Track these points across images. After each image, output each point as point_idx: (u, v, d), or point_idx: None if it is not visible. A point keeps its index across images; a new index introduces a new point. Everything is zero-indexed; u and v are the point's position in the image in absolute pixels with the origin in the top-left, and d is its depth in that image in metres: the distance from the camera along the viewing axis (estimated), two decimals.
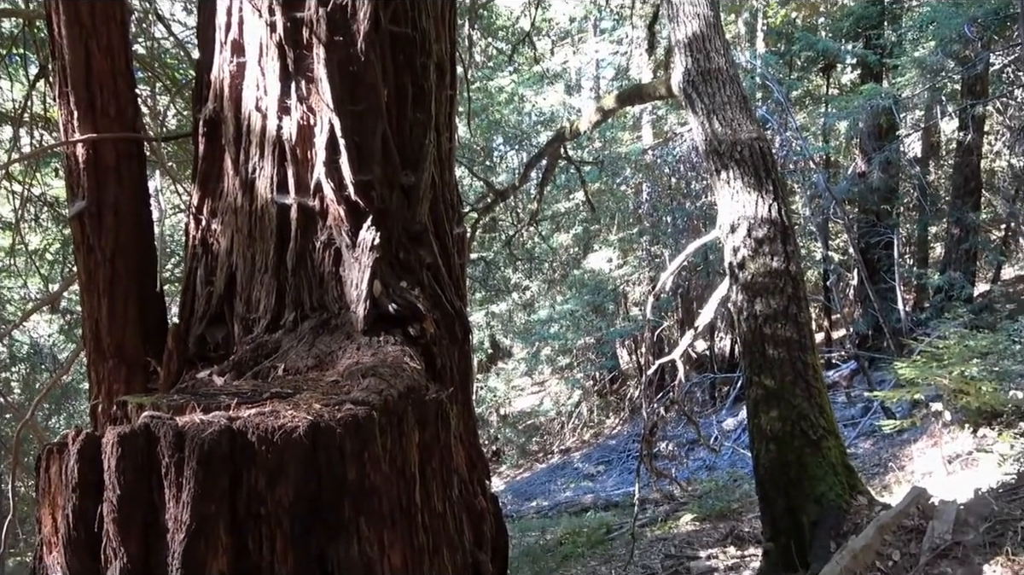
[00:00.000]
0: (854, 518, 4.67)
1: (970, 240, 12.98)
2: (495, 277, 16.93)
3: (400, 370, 2.37)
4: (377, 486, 2.16)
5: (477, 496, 3.07)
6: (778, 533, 5.03)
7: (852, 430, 10.98)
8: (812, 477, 4.91)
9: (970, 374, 7.47)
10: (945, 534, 4.04)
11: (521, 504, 14.46)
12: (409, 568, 2.24)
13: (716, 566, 6.64)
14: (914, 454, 8.28)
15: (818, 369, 5.32)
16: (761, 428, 5.22)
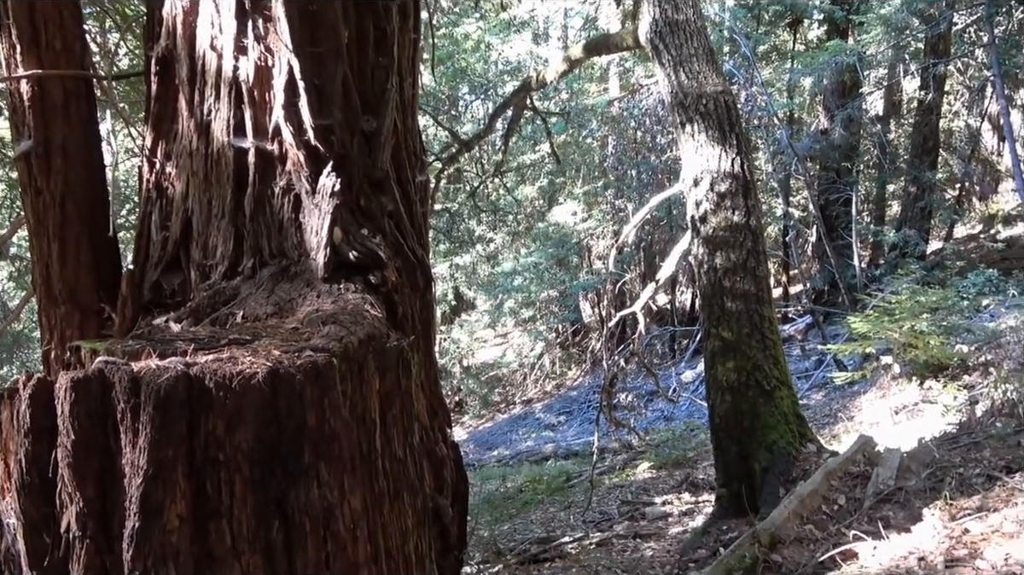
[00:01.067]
0: (803, 465, 4.85)
1: (926, 199, 13.26)
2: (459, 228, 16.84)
3: (361, 318, 2.36)
4: (337, 432, 2.17)
5: (438, 443, 3.10)
6: (730, 479, 5.20)
7: (805, 382, 11.30)
8: (765, 426, 5.07)
9: (919, 328, 7.71)
10: (888, 480, 4.22)
11: (483, 453, 14.68)
12: (369, 512, 2.27)
13: (671, 511, 6.85)
14: (863, 405, 8.57)
15: (774, 322, 5.45)
16: (717, 379, 5.35)
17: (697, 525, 5.83)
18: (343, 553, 2.18)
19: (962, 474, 4.09)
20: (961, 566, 3.11)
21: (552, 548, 6.14)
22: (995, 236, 14.37)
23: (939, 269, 11.59)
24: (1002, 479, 3.84)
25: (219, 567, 1.99)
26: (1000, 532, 3.28)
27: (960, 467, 4.20)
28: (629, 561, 5.46)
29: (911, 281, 9.34)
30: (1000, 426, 5.03)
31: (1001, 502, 3.59)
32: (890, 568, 3.28)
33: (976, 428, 5.47)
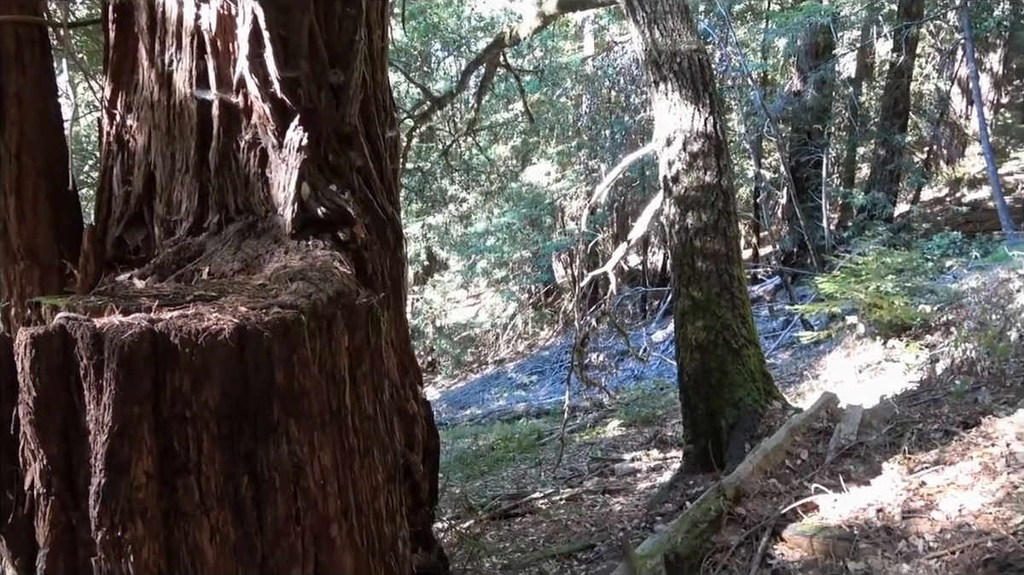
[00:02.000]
0: (768, 421, 4.96)
1: (895, 161, 13.40)
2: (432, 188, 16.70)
3: (329, 274, 2.34)
4: (306, 389, 2.16)
5: (409, 400, 3.11)
6: (698, 436, 5.31)
7: (772, 342, 11.49)
8: (732, 383, 5.16)
9: (884, 289, 7.86)
10: (850, 435, 4.33)
11: (455, 413, 14.78)
12: (339, 468, 2.28)
13: (639, 468, 6.98)
14: (828, 364, 8.75)
15: (743, 282, 5.51)
16: (687, 337, 5.42)
17: (665, 480, 5.96)
18: (313, 508, 2.19)
19: (921, 429, 4.21)
20: (917, 517, 3.22)
21: (523, 504, 6.23)
22: (960, 199, 14.61)
23: (905, 231, 11.78)
24: (959, 434, 3.96)
25: (188, 523, 1.99)
26: (955, 484, 3.39)
27: (919, 423, 4.32)
28: (598, 515, 5.57)
29: (878, 243, 9.49)
30: (959, 383, 5.17)
31: (957, 456, 3.70)
32: (849, 519, 3.38)
33: (936, 386, 5.62)
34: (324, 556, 2.22)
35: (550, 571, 4.28)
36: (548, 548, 4.82)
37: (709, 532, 3.60)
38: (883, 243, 9.61)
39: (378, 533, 2.43)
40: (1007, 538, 2.74)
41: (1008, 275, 6.86)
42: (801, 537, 3.36)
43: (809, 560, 3.23)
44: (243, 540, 2.06)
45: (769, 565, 3.29)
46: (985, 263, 8.54)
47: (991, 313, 6.35)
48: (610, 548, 4.45)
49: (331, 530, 2.23)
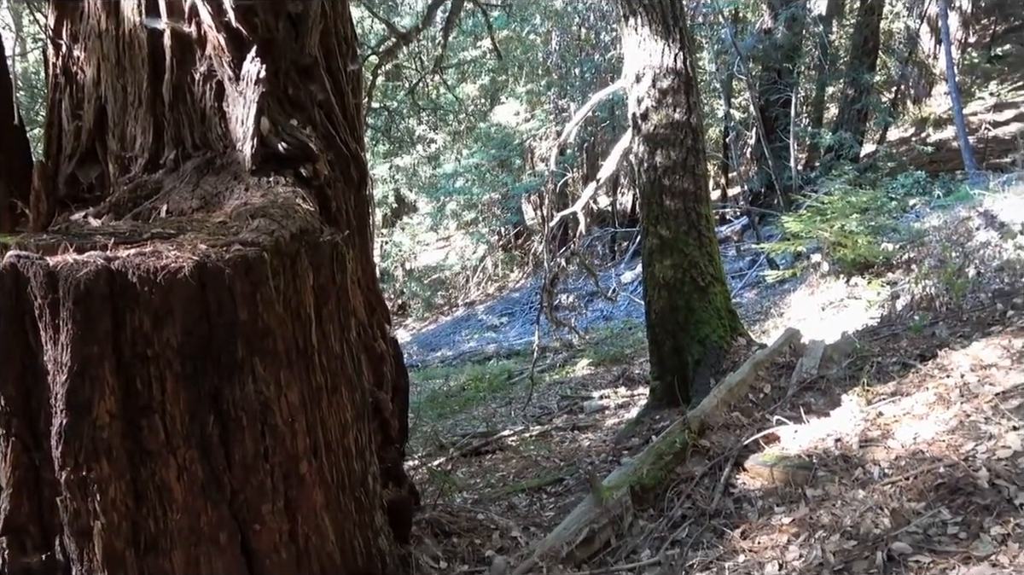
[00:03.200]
0: (733, 357, 5.06)
1: (863, 101, 13.41)
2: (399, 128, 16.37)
3: (292, 211, 2.29)
4: (271, 327, 2.15)
5: (376, 339, 3.11)
6: (664, 372, 5.41)
7: (739, 281, 11.65)
8: (698, 321, 5.24)
9: (849, 228, 7.96)
10: (812, 369, 4.44)
11: (427, 354, 14.85)
12: (307, 406, 2.28)
13: (607, 405, 7.12)
14: (792, 302, 8.91)
15: (711, 220, 5.54)
16: (655, 276, 5.46)
17: (632, 416, 6.08)
18: (281, 446, 2.20)
19: (880, 363, 4.33)
20: (874, 445, 3.33)
21: (493, 441, 6.34)
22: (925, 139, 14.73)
23: (871, 171, 11.87)
24: (916, 366, 4.08)
25: (154, 462, 1.99)
26: (911, 414, 3.51)
27: (879, 356, 4.44)
28: (567, 451, 5.69)
29: (844, 182, 9.56)
30: (918, 319, 5.30)
31: (914, 387, 3.82)
32: (809, 449, 3.50)
33: (896, 321, 5.76)
34: (294, 493, 2.24)
35: (519, 504, 4.37)
36: (518, 483, 4.92)
37: (674, 464, 3.70)
38: (849, 183, 9.68)
39: (348, 470, 2.46)
40: (958, 464, 2.85)
41: (968, 214, 6.99)
42: (762, 467, 3.47)
43: (769, 488, 3.34)
44: (211, 478, 2.07)
45: (731, 494, 3.40)
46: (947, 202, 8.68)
47: (951, 251, 6.48)
48: (578, 481, 4.55)
49: (300, 467, 2.25)
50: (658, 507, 3.48)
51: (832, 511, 2.86)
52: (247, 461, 2.12)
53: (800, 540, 2.77)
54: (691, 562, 2.90)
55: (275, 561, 2.16)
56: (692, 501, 3.41)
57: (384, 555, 2.66)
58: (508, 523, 3.76)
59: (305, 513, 2.26)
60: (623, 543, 3.24)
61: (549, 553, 3.01)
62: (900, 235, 7.86)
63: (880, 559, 2.40)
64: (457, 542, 3.41)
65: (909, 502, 2.73)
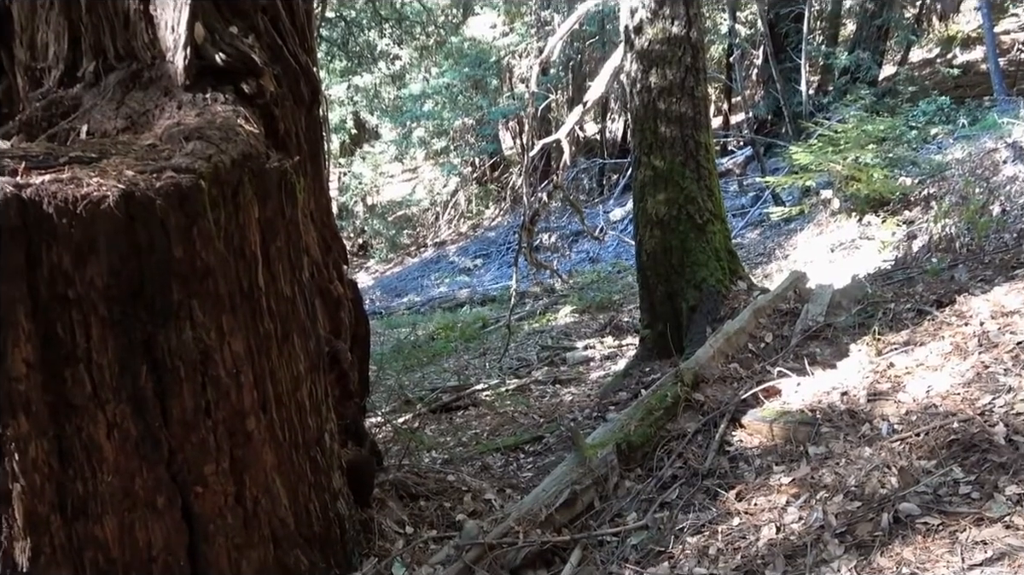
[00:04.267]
0: (732, 303, 5.11)
1: (883, 16, 13.31)
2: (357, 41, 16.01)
3: (233, 133, 2.24)
4: (211, 266, 2.11)
5: (332, 281, 3.09)
6: (656, 320, 5.46)
7: (741, 219, 11.71)
8: (694, 263, 5.27)
9: (864, 160, 7.99)
10: (818, 316, 4.50)
11: (391, 300, 14.86)
12: (254, 356, 2.27)
13: (592, 356, 7.19)
14: (799, 242, 8.99)
15: (711, 149, 5.52)
16: (647, 212, 5.46)
17: (619, 368, 6.16)
18: (225, 400, 2.20)
19: (893, 309, 4.39)
20: (883, 399, 3.40)
21: (466, 396, 6.39)
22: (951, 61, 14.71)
23: (890, 96, 11.86)
24: (931, 313, 4.14)
25: (80, 418, 1.98)
26: (924, 365, 3.57)
27: (891, 302, 4.50)
28: (547, 406, 5.76)
29: (860, 109, 9.56)
30: (935, 261, 5.37)
31: (928, 336, 3.89)
32: (812, 403, 3.56)
33: (911, 263, 5.83)
34: (240, 451, 2.25)
35: (494, 465, 4.44)
36: (492, 441, 4.98)
37: (665, 420, 3.76)
38: (865, 109, 9.69)
39: (301, 426, 2.46)
40: (973, 419, 2.92)
41: (995, 145, 7.03)
42: (761, 423, 3.53)
43: (768, 446, 3.41)
44: (146, 435, 2.07)
45: (727, 452, 3.46)
46: (972, 132, 8.71)
47: (974, 186, 6.54)
48: (559, 439, 4.62)
49: (247, 423, 2.25)
50: (647, 467, 3.54)
51: (835, 470, 2.93)
52: (186, 417, 2.11)
53: (800, 501, 2.84)
54: (681, 525, 2.96)
55: (220, 526, 2.18)
56: (684, 460, 3.48)
57: (343, 520, 2.70)
58: (481, 485, 3.82)
59: (253, 474, 2.27)
60: (607, 505, 3.30)
61: (526, 516, 3.06)
62: (919, 169, 7.91)
63: (886, 521, 2.47)
64: (424, 505, 3.46)
65: (919, 460, 2.80)
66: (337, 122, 17.92)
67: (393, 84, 18.47)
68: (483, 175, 19.79)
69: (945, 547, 2.28)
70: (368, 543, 2.92)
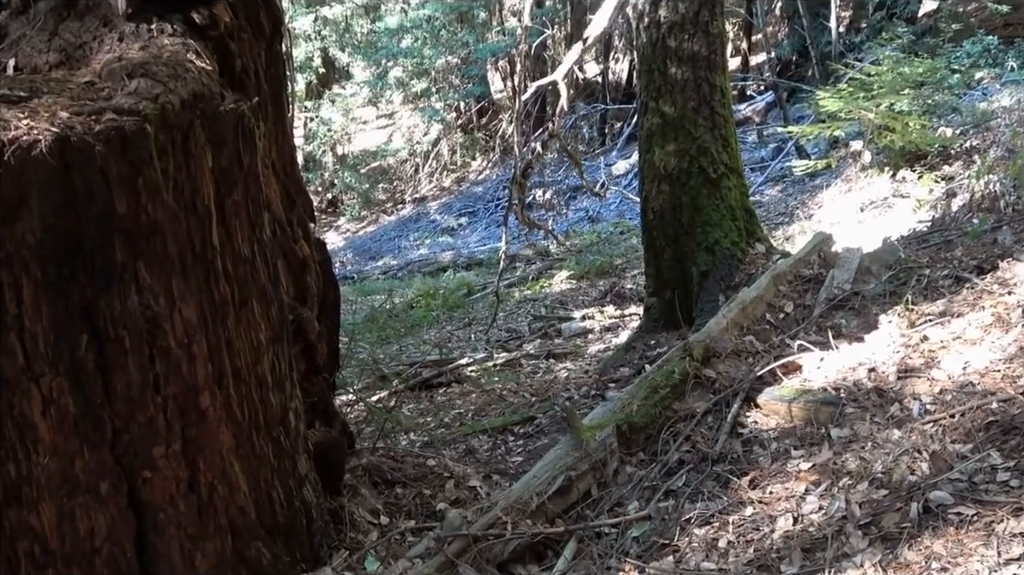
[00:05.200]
0: (749, 268, 5.13)
1: None
2: None
3: (182, 70, 2.22)
4: (158, 222, 2.11)
5: (298, 241, 3.08)
6: (663, 287, 5.47)
7: (760, 174, 11.70)
8: (707, 222, 5.27)
9: (899, 107, 7.98)
10: (845, 283, 4.53)
11: (364, 263, 14.85)
12: (208, 324, 2.27)
13: (591, 327, 7.22)
14: (825, 201, 9.00)
15: (727, 94, 5.50)
16: (654, 165, 5.45)
17: (621, 341, 6.18)
18: (176, 374, 2.20)
19: (928, 276, 4.42)
20: (915, 376, 3.44)
21: (448, 372, 6.42)
22: None
23: (931, 35, 11.81)
24: (971, 281, 4.17)
25: (11, 392, 1.97)
26: (962, 339, 3.61)
27: (926, 268, 4.53)
28: (539, 383, 5.79)
29: (896, 49, 9.51)
30: (977, 222, 5.39)
31: (967, 306, 3.92)
32: (836, 381, 3.59)
33: (950, 225, 5.85)
34: (194, 431, 2.26)
35: (480, 448, 4.47)
36: (478, 422, 5.01)
37: (671, 398, 3.79)
38: (902, 49, 9.64)
39: (262, 404, 2.47)
40: (1015, 399, 2.95)
41: None
42: (779, 402, 3.56)
43: (786, 428, 3.45)
44: (87, 413, 2.07)
45: (740, 434, 3.50)
46: (1021, 76, 8.70)
47: (1022, 138, 6.55)
48: (553, 420, 4.65)
49: (201, 400, 2.26)
50: (650, 451, 3.58)
51: (860, 455, 2.96)
52: (132, 393, 2.11)
53: (820, 489, 2.88)
54: (688, 515, 3.00)
55: (171, 515, 2.19)
56: (692, 443, 3.51)
57: (310, 508, 2.72)
58: (465, 470, 3.85)
59: (208, 457, 2.28)
60: (606, 493, 3.33)
61: (515, 506, 3.09)
62: (962, 118, 7.90)
63: (915, 511, 2.51)
64: (402, 493, 3.49)
65: (953, 444, 2.83)
66: (303, 59, 17.73)
67: (367, 16, 18.28)
68: (469, 122, 19.69)
69: (980, 540, 2.32)
70: (338, 534, 2.95)
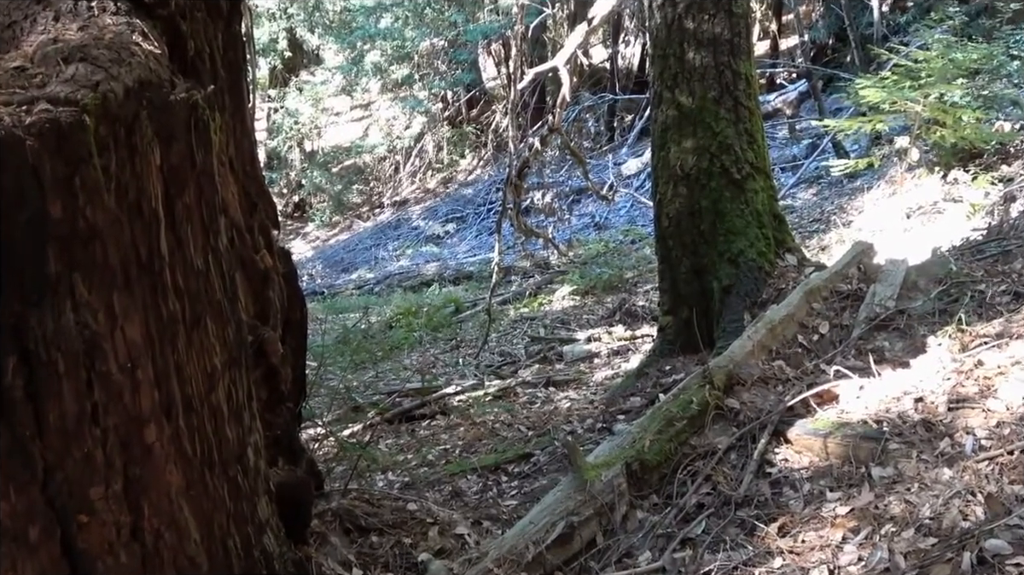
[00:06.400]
0: (778, 283, 5.14)
1: None
2: None
3: (127, 54, 2.23)
4: (98, 228, 2.11)
5: (259, 250, 3.09)
6: (679, 304, 5.48)
7: (791, 174, 11.76)
8: (730, 230, 5.29)
9: (951, 99, 8.02)
10: (888, 301, 4.54)
11: (336, 276, 14.87)
12: (155, 346, 2.27)
13: (597, 351, 7.23)
14: (866, 205, 9.04)
15: (753, 83, 5.52)
16: (669, 164, 5.47)
17: (632, 367, 6.19)
18: (118, 403, 2.20)
19: (983, 292, 4.43)
20: (968, 407, 3.44)
21: (433, 402, 6.42)
22: None
23: (986, 15, 11.89)
24: None
25: None
26: (1022, 364, 3.62)
27: (981, 283, 4.55)
28: (537, 415, 5.80)
29: (946, 31, 9.57)
30: None
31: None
32: (878, 412, 3.60)
33: (1009, 233, 5.88)
34: (138, 469, 2.25)
35: (468, 490, 4.46)
36: (466, 460, 5.01)
37: (689, 432, 3.79)
38: (954, 32, 9.70)
39: (217, 437, 2.47)
40: None
41: None
42: (812, 437, 3.57)
43: (821, 467, 3.45)
44: (14, 448, 2.06)
45: (767, 474, 3.50)
46: None
47: None
48: (552, 458, 4.65)
49: (146, 433, 2.25)
50: (664, 493, 3.57)
51: (906, 498, 2.97)
52: (67, 424, 2.11)
53: (860, 537, 2.88)
54: (708, 568, 3.00)
55: (110, 566, 2.18)
56: (712, 484, 3.51)
57: (271, 559, 2.71)
58: (451, 515, 3.84)
59: (154, 499, 2.27)
60: (614, 542, 3.33)
61: (509, 556, 3.09)
62: (1022, 110, 7.95)
63: (968, 561, 2.51)
64: (378, 541, 3.48)
65: (1012, 485, 2.84)
66: (266, 41, 17.80)
67: None
68: (457, 114, 19.76)
69: None
70: None
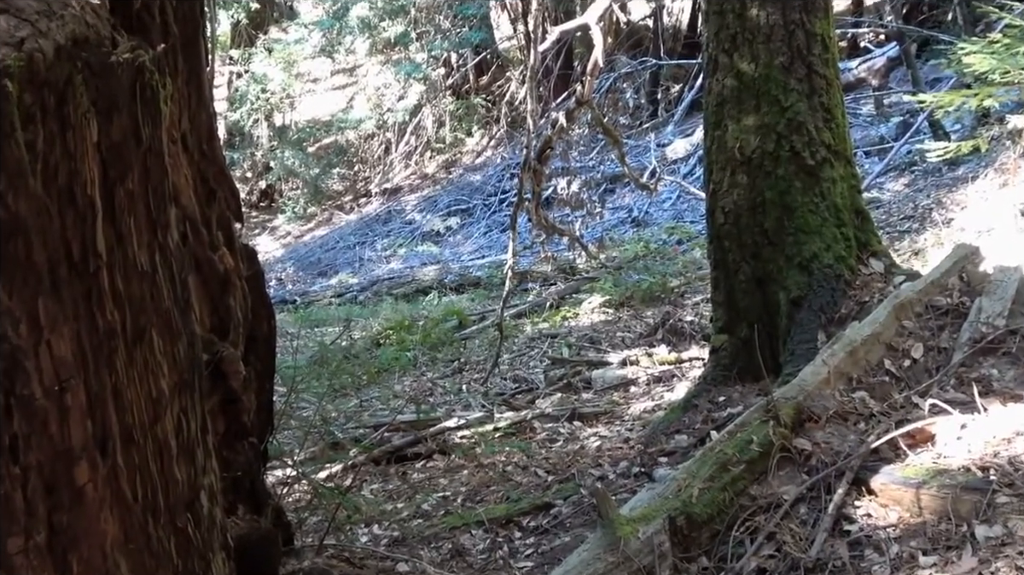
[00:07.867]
0: (860, 294, 5.11)
1: None
2: None
3: (58, 4, 2.25)
4: (21, 219, 2.12)
5: (218, 248, 3.10)
6: (736, 319, 5.46)
7: (878, 160, 11.72)
8: (800, 228, 5.26)
9: None
10: (997, 318, 4.51)
11: (311, 281, 14.90)
12: (89, 364, 2.28)
13: (635, 377, 7.21)
14: (970, 199, 9.00)
15: (831, 47, 5.51)
16: (726, 146, 5.46)
17: (677, 397, 6.17)
18: (43, 435, 2.21)
19: None
20: None
21: (429, 438, 6.41)
22: None
23: None
24: None
25: None
26: None
27: None
28: (559, 456, 5.78)
29: None
30: None
31: None
32: (983, 457, 3.58)
33: None
34: (65, 517, 2.26)
35: (473, 547, 4.46)
36: (471, 510, 5.00)
37: (748, 480, 3.78)
38: None
39: (163, 478, 2.47)
40: None
41: None
42: (902, 487, 3.55)
43: (913, 524, 3.43)
44: None
45: (846, 532, 3.49)
46: None
47: None
48: (577, 509, 4.64)
49: (76, 473, 2.26)
50: (716, 554, 3.57)
51: (1017, 562, 2.95)
52: None
53: None
54: None
55: None
56: (777, 545, 3.50)
57: None
58: None
59: (85, 554, 2.28)
60: None
61: None
62: None
63: None
64: None
65: None
66: None
67: None
68: (463, 82, 19.78)
69: None
70: None
